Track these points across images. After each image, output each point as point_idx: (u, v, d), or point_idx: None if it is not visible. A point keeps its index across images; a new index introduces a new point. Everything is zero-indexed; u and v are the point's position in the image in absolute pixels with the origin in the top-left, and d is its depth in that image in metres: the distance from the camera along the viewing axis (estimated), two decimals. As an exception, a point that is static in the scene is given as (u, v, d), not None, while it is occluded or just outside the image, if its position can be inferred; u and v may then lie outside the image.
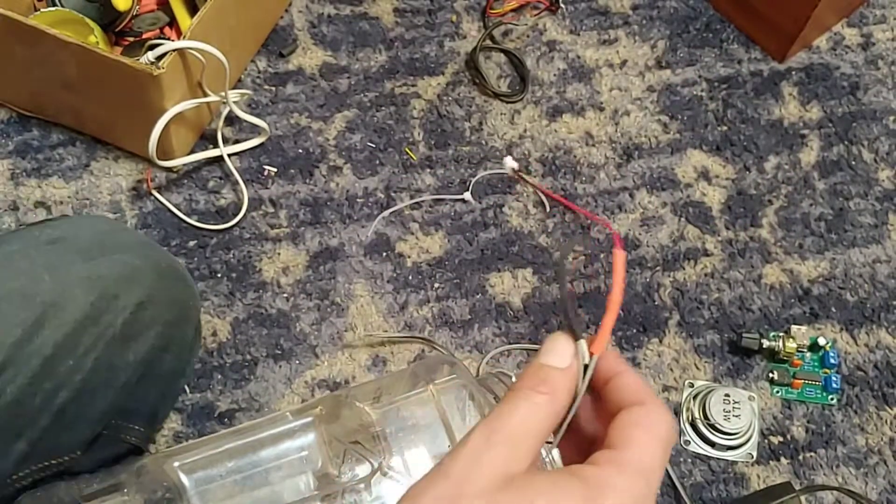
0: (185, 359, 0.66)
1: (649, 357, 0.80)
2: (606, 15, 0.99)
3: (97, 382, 0.57)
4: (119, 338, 0.57)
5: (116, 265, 0.59)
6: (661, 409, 0.33)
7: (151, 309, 0.60)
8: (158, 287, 0.61)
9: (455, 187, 0.88)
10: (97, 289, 0.57)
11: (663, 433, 0.32)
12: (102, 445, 0.61)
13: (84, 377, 0.55)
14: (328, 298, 0.81)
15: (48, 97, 0.85)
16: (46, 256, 0.57)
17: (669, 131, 0.92)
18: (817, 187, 0.90)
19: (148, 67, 0.74)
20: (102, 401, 0.58)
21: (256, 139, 0.88)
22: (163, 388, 0.65)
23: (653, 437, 0.32)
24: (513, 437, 0.31)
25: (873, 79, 0.97)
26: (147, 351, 0.60)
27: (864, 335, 0.82)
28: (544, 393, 0.33)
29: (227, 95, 0.83)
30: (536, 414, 0.32)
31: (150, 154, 0.79)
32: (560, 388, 0.33)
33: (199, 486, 0.67)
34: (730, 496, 0.74)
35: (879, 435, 0.78)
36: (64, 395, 0.55)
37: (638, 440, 0.32)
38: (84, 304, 0.56)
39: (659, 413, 0.33)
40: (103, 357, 0.56)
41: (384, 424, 0.69)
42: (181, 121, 0.82)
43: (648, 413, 0.32)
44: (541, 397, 0.32)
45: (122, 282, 0.58)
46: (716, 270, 0.85)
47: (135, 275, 0.59)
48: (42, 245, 0.58)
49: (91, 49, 0.74)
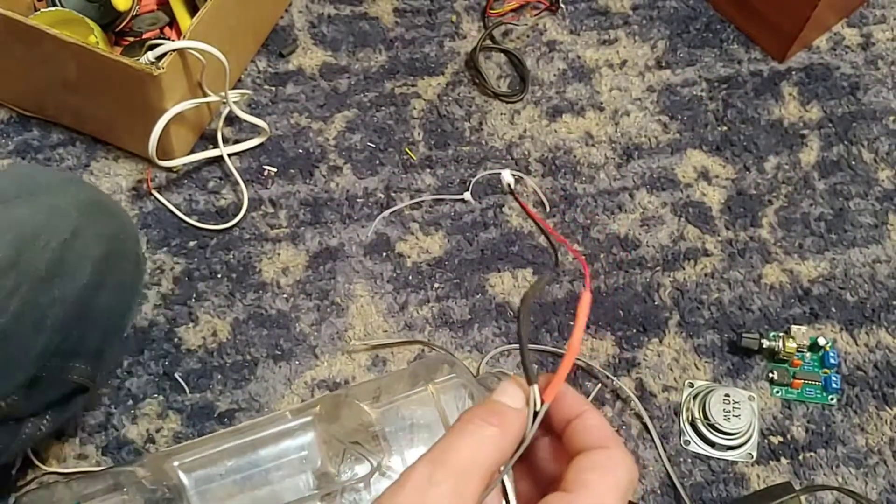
0: (127, 295, 0.65)
1: (649, 357, 0.80)
2: (606, 15, 0.99)
3: (25, 324, 0.55)
4: (44, 277, 0.56)
5: (35, 205, 0.57)
6: (621, 454, 0.32)
7: (78, 246, 0.58)
8: (83, 224, 0.59)
9: (455, 187, 0.88)
10: (14, 231, 0.55)
11: (621, 479, 0.31)
12: (45, 387, 0.60)
13: (8, 320, 0.54)
14: (328, 299, 0.81)
15: (48, 97, 0.85)
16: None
17: (669, 131, 0.92)
18: (817, 187, 0.90)
19: (148, 67, 0.74)
20: (33, 342, 0.56)
21: (256, 139, 0.88)
22: (104, 325, 0.63)
23: (609, 482, 0.31)
24: (459, 471, 0.30)
25: (873, 79, 0.97)
26: (79, 289, 0.58)
27: (863, 335, 0.82)
28: (494, 425, 0.32)
29: (227, 95, 0.83)
30: (484, 446, 0.31)
31: (150, 154, 0.79)
32: (511, 422, 0.32)
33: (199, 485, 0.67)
34: (730, 496, 0.74)
35: (879, 435, 0.77)
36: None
37: (594, 485, 0.31)
38: (3, 246, 0.54)
39: (619, 458, 0.32)
40: (29, 298, 0.55)
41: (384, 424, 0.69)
42: (181, 121, 0.82)
43: (608, 458, 0.32)
44: (490, 429, 0.32)
45: (42, 222, 0.57)
46: (716, 270, 0.85)
47: (55, 213, 0.58)
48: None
49: (91, 49, 0.75)
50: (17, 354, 0.56)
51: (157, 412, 0.76)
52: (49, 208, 0.58)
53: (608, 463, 0.31)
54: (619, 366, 0.80)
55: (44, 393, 0.61)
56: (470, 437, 0.31)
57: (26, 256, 0.55)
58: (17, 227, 0.56)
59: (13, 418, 0.60)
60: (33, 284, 0.55)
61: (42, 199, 0.58)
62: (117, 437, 0.74)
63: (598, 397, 0.78)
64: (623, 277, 0.84)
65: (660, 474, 0.75)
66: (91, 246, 0.60)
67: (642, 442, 0.76)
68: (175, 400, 0.76)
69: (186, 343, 0.79)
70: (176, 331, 0.79)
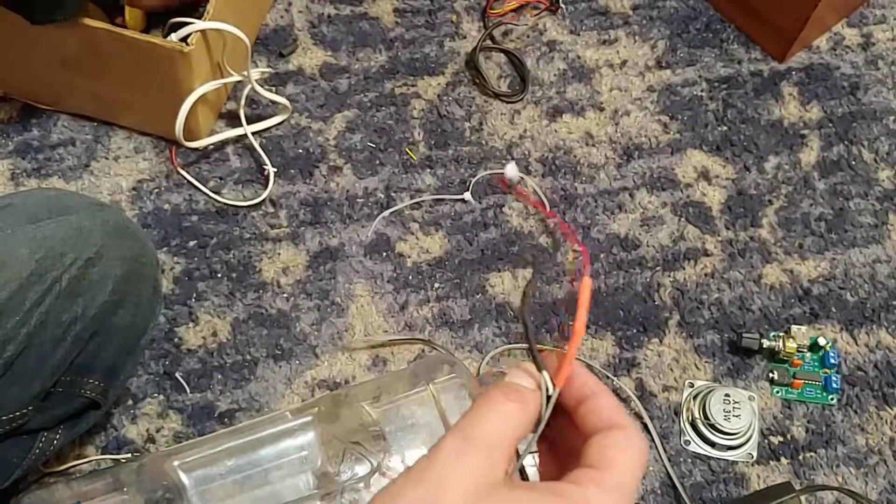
0: (143, 316, 0.67)
1: (649, 357, 0.80)
2: (606, 15, 0.99)
3: (45, 337, 0.57)
4: (66, 293, 0.58)
5: (63, 225, 0.60)
6: (638, 433, 0.34)
7: (100, 265, 0.61)
8: (107, 244, 0.62)
9: (455, 187, 0.88)
10: (43, 248, 0.58)
11: (640, 457, 0.33)
12: (58, 401, 0.62)
13: (30, 331, 0.56)
14: (328, 298, 0.81)
15: (66, 86, 0.85)
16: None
17: (669, 131, 0.92)
18: (817, 187, 0.90)
19: (178, 45, 0.75)
20: (52, 356, 0.58)
21: (279, 117, 0.89)
22: (119, 344, 0.65)
23: (632, 460, 0.33)
24: (488, 443, 0.32)
25: (873, 79, 0.97)
26: (99, 307, 0.61)
27: (864, 335, 0.82)
28: (515, 401, 0.33)
29: (249, 74, 0.83)
30: (508, 421, 0.33)
31: (178, 135, 0.81)
32: (530, 399, 0.34)
33: (199, 485, 0.67)
34: (730, 496, 0.74)
35: (879, 435, 0.77)
36: (10, 350, 0.55)
37: (620, 462, 0.33)
38: (29, 262, 0.57)
39: (637, 438, 0.34)
40: (51, 312, 0.57)
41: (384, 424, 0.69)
42: (204, 101, 0.83)
43: (627, 437, 0.33)
44: (512, 405, 0.33)
45: (68, 240, 0.59)
46: (716, 270, 0.85)
47: (82, 233, 0.60)
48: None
49: (117, 30, 0.75)
50: (35, 366, 0.58)
51: (157, 412, 0.76)
52: (77, 229, 0.60)
53: (629, 441, 0.33)
54: (619, 366, 0.80)
55: (57, 407, 0.63)
56: (495, 412, 0.33)
57: (52, 273, 0.58)
58: (46, 244, 0.58)
59: (27, 431, 0.62)
60: (56, 299, 0.58)
61: (71, 220, 0.61)
62: (117, 437, 0.74)
63: (599, 397, 0.78)
64: (623, 277, 0.84)
65: (660, 474, 0.75)
66: (113, 266, 0.62)
67: (642, 442, 0.76)
68: (175, 400, 0.76)
69: (186, 343, 0.79)
70: (176, 330, 0.79)
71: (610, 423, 0.34)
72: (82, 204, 0.64)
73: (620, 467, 0.32)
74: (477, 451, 0.31)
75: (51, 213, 0.61)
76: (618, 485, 0.32)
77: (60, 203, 0.63)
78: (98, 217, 0.63)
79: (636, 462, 0.33)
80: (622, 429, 0.34)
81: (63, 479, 0.70)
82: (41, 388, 0.59)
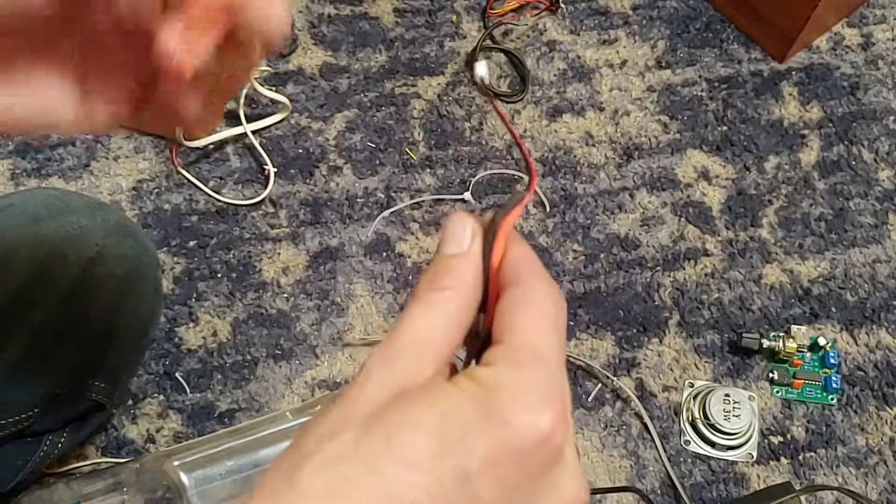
0: (145, 317, 0.66)
1: (649, 357, 0.80)
2: (606, 15, 0.99)
3: (48, 339, 0.57)
4: (68, 294, 0.58)
5: (64, 226, 0.60)
6: (541, 283, 0.28)
7: (102, 266, 0.60)
8: (108, 244, 0.61)
9: (455, 187, 0.88)
10: (44, 248, 0.58)
11: (548, 310, 0.28)
12: (63, 403, 0.61)
13: (33, 333, 0.56)
14: (328, 298, 0.81)
15: None
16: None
17: (669, 131, 0.92)
18: (817, 187, 0.90)
19: None
20: (55, 358, 0.58)
21: (279, 115, 0.89)
22: (122, 345, 0.65)
23: (538, 316, 0.28)
24: (409, 348, 0.27)
25: (873, 79, 0.97)
26: (101, 308, 0.60)
27: (864, 335, 0.82)
28: (444, 288, 0.28)
29: None
30: (437, 315, 0.28)
31: (177, 133, 0.81)
32: (463, 276, 0.29)
33: (199, 485, 0.67)
34: (730, 496, 0.74)
35: (879, 435, 0.77)
36: (14, 352, 0.55)
37: (523, 325, 0.27)
38: (31, 262, 0.56)
39: (539, 289, 0.28)
40: (53, 313, 0.57)
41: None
42: None
43: (526, 292, 0.28)
44: (439, 294, 0.28)
45: (69, 241, 0.59)
46: (716, 270, 0.85)
47: (83, 234, 0.60)
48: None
49: None
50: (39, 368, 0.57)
51: (157, 412, 0.76)
52: (78, 229, 0.60)
53: (530, 295, 0.28)
54: (619, 366, 0.80)
55: (62, 409, 0.62)
56: (419, 313, 0.28)
57: (53, 273, 0.57)
58: (47, 245, 0.58)
59: (32, 434, 0.61)
60: (58, 300, 0.57)
61: (72, 220, 0.61)
62: (117, 437, 0.74)
63: (599, 397, 0.78)
64: (623, 277, 0.84)
65: (660, 474, 0.75)
66: (114, 266, 0.62)
67: (642, 442, 0.76)
68: (175, 400, 0.76)
69: (186, 343, 0.79)
70: (176, 330, 0.79)
71: (510, 282, 0.29)
72: (83, 204, 0.64)
73: (526, 330, 0.27)
74: (395, 359, 0.27)
75: (51, 214, 0.60)
76: (529, 350, 0.27)
77: (61, 203, 0.62)
78: (98, 217, 0.63)
79: (543, 317, 0.28)
80: (518, 284, 0.28)
81: (63, 480, 0.70)
82: (46, 391, 0.59)
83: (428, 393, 0.26)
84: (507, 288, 0.28)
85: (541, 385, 0.26)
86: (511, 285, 0.29)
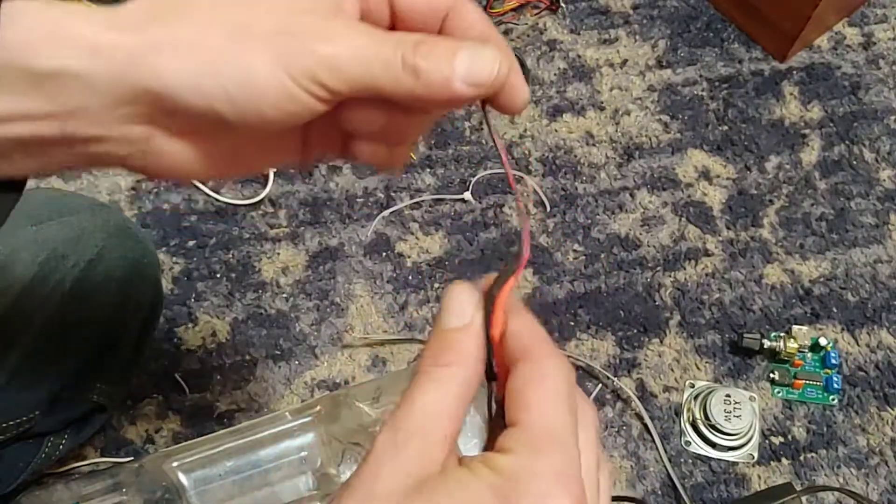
0: (146, 318, 0.66)
1: (650, 357, 0.80)
2: (607, 14, 0.99)
3: (50, 340, 0.57)
4: (70, 296, 0.58)
5: (65, 227, 0.60)
6: (549, 358, 0.28)
7: (102, 267, 0.60)
8: (108, 245, 0.61)
9: (455, 187, 0.88)
10: (45, 250, 0.57)
11: (561, 386, 0.27)
12: (65, 405, 0.62)
13: (35, 336, 0.55)
14: (328, 298, 0.81)
15: None
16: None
17: (670, 131, 0.92)
18: (818, 187, 0.90)
19: None
20: (57, 360, 0.58)
21: None
22: (123, 346, 0.65)
23: (552, 395, 0.27)
24: (421, 431, 0.27)
25: (874, 78, 0.96)
26: (102, 309, 0.60)
27: (865, 335, 0.82)
28: (449, 364, 0.28)
29: None
30: (444, 392, 0.27)
31: None
32: (466, 350, 0.28)
33: (199, 485, 0.67)
34: (731, 497, 0.74)
35: (880, 435, 0.77)
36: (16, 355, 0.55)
37: (538, 405, 0.27)
38: (32, 265, 0.56)
39: (549, 364, 0.28)
40: (54, 316, 0.57)
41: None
42: None
43: (535, 369, 0.28)
44: (444, 371, 0.28)
45: (70, 242, 0.59)
46: (717, 270, 0.84)
47: (83, 235, 0.60)
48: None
49: None
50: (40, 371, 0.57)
51: (156, 412, 0.76)
52: (78, 230, 0.60)
53: (539, 374, 0.28)
54: (619, 366, 0.80)
55: (64, 411, 0.62)
56: (426, 390, 0.27)
57: (55, 275, 0.57)
58: (47, 246, 0.58)
59: (33, 435, 0.61)
60: (60, 302, 0.57)
61: (72, 221, 0.60)
62: (116, 437, 0.74)
63: (599, 398, 0.78)
64: (624, 277, 0.84)
65: (660, 475, 0.75)
66: (115, 267, 0.62)
67: (643, 442, 0.76)
68: (174, 400, 0.76)
69: (186, 343, 0.79)
70: (175, 331, 0.79)
71: (518, 357, 0.28)
72: (83, 205, 0.64)
73: (539, 410, 0.27)
74: (407, 444, 0.27)
75: (51, 215, 0.60)
76: (545, 434, 0.26)
77: (61, 204, 0.62)
78: (99, 217, 0.62)
79: (556, 394, 0.27)
80: (526, 360, 0.28)
81: (62, 480, 0.70)
82: (48, 393, 0.58)
83: (446, 484, 0.26)
84: (517, 364, 0.28)
85: (558, 470, 0.26)
86: (520, 361, 0.28)
